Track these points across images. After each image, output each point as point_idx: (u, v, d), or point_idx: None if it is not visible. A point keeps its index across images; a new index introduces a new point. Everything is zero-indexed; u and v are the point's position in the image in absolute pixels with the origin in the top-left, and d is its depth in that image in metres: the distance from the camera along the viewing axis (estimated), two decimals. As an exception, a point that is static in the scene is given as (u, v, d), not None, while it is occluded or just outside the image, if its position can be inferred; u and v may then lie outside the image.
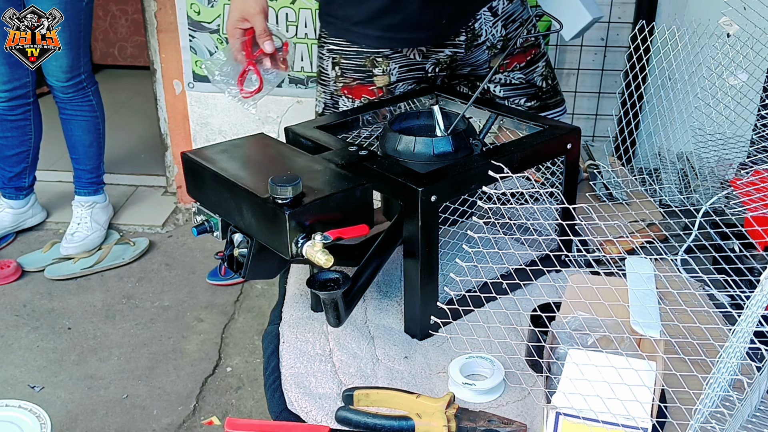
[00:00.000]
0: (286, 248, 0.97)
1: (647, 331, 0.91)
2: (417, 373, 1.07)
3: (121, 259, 2.87)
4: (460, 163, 1.13)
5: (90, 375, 2.30)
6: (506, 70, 1.69)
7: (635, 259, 1.04)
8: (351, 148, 1.18)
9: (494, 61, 1.65)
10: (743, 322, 0.78)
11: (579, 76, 2.70)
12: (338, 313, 1.06)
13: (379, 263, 1.12)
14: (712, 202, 1.26)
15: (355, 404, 0.99)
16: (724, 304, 1.12)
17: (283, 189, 0.96)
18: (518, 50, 1.69)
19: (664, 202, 1.44)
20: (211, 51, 2.94)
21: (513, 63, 1.68)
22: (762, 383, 0.86)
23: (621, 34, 2.59)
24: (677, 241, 1.29)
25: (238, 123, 3.08)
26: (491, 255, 1.10)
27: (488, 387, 1.00)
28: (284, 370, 1.09)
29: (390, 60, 1.57)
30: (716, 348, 0.83)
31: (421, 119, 1.32)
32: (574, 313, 0.97)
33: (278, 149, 1.16)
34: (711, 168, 1.48)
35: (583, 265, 1.27)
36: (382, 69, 1.57)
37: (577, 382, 0.83)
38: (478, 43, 1.61)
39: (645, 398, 0.81)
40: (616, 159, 1.64)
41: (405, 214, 1.08)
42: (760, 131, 1.41)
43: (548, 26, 2.62)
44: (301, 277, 1.31)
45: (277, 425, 0.99)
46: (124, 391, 2.23)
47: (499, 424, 0.93)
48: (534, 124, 1.28)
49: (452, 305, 1.08)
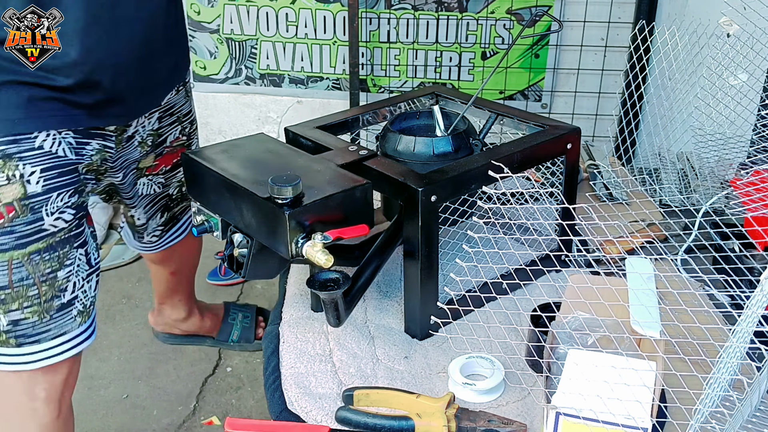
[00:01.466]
0: (286, 248, 0.97)
1: (647, 331, 0.91)
2: (417, 373, 1.07)
3: (121, 259, 2.87)
4: (460, 163, 1.13)
5: (90, 375, 2.30)
6: (152, 174, 1.57)
7: (635, 259, 1.04)
8: (351, 148, 1.18)
9: (144, 162, 1.52)
10: (743, 322, 0.78)
11: (579, 76, 2.70)
12: (338, 313, 1.06)
13: (379, 263, 1.12)
14: (712, 202, 1.26)
15: (355, 404, 0.99)
16: (724, 304, 1.12)
17: (283, 189, 0.96)
18: (167, 150, 1.56)
19: (664, 202, 1.44)
20: (211, 51, 2.94)
21: (160, 165, 1.57)
22: (762, 383, 0.86)
23: (621, 34, 2.59)
24: (677, 241, 1.29)
25: (238, 123, 3.08)
26: (491, 255, 1.10)
27: (488, 387, 1.00)
28: (284, 370, 1.09)
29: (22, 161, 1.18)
30: (716, 348, 0.83)
31: (421, 119, 1.32)
32: (574, 313, 0.97)
33: (278, 149, 1.16)
34: (711, 168, 1.48)
35: (583, 265, 1.27)
36: (6, 175, 1.18)
37: (577, 382, 0.83)
38: (128, 135, 1.41)
39: (645, 398, 0.81)
40: (616, 159, 1.64)
41: (405, 214, 1.08)
42: (760, 131, 1.41)
43: (548, 26, 2.62)
44: (301, 277, 1.30)
45: (277, 425, 0.99)
46: (124, 391, 2.23)
47: (499, 424, 0.93)
48: (534, 124, 1.28)
49: (452, 305, 1.08)
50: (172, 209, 1.72)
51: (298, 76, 2.93)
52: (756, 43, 1.33)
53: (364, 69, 2.81)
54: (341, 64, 2.87)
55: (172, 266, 2.00)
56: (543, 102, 2.80)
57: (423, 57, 2.81)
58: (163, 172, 1.60)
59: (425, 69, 2.82)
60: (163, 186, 1.63)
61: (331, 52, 2.87)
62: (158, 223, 1.72)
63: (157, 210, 1.69)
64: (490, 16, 2.68)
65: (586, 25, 2.58)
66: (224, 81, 3.00)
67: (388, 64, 2.82)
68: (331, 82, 2.93)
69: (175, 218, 1.75)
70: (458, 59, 2.78)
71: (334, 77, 2.92)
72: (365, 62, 2.81)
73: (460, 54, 2.77)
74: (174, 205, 1.72)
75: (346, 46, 2.77)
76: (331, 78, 2.92)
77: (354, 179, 1.04)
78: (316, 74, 2.92)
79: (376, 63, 2.82)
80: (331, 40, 2.84)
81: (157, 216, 1.70)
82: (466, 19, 2.71)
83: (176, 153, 1.61)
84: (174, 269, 2.01)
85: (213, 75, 3.00)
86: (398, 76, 2.85)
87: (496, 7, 2.67)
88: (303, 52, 2.89)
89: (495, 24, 2.70)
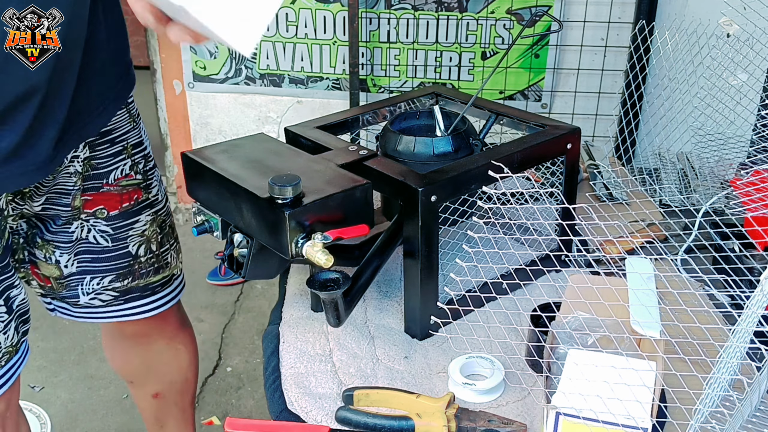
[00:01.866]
0: (286, 248, 0.97)
1: (647, 331, 0.91)
2: (417, 373, 1.07)
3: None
4: (460, 163, 1.13)
5: (90, 375, 2.30)
6: (89, 215, 1.26)
7: (635, 259, 1.04)
8: (351, 148, 1.18)
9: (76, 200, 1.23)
10: (743, 322, 0.78)
11: (579, 76, 2.70)
12: (338, 313, 1.06)
13: (379, 263, 1.12)
14: (712, 202, 1.26)
15: (355, 404, 0.99)
16: (724, 304, 1.12)
17: (283, 189, 0.96)
18: (109, 188, 1.26)
19: (664, 202, 1.44)
20: (211, 51, 2.94)
21: (96, 204, 1.26)
22: (762, 383, 0.86)
23: (621, 34, 2.59)
24: (677, 241, 1.29)
25: (238, 123, 3.08)
26: (491, 255, 1.10)
27: (488, 387, 1.00)
28: (284, 370, 1.09)
29: None
30: (716, 348, 0.83)
31: (421, 119, 1.32)
32: (574, 313, 0.97)
33: (278, 149, 1.16)
34: (711, 168, 1.48)
35: (583, 265, 1.27)
36: None
37: (577, 382, 0.83)
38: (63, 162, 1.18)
39: (645, 398, 0.81)
40: (616, 159, 1.64)
41: (405, 214, 1.08)
42: (760, 131, 1.41)
43: (548, 26, 2.62)
44: (301, 277, 1.30)
45: (277, 425, 0.99)
46: (124, 391, 2.23)
47: (499, 424, 0.93)
48: (534, 124, 1.28)
49: (452, 305, 1.08)
50: (138, 277, 1.35)
51: (298, 76, 2.93)
52: (756, 43, 1.33)
53: (364, 69, 2.81)
54: (341, 64, 2.87)
55: (153, 384, 1.58)
56: (543, 102, 2.80)
57: (423, 57, 2.81)
58: (106, 217, 1.28)
59: (425, 69, 2.83)
60: (112, 239, 1.30)
61: (331, 52, 2.87)
62: (106, 286, 1.34)
63: (109, 271, 1.33)
64: (490, 16, 2.69)
65: (586, 25, 2.58)
66: (224, 81, 3.00)
67: (388, 64, 2.82)
68: (331, 82, 2.93)
69: (149, 289, 1.38)
70: (458, 59, 2.78)
71: (334, 77, 2.92)
72: (365, 62, 2.81)
73: (460, 54, 2.77)
74: (144, 272, 1.35)
75: (346, 46, 2.78)
76: (331, 78, 2.92)
77: (354, 179, 1.04)
78: (316, 74, 2.92)
79: (376, 63, 2.82)
80: (331, 40, 2.84)
81: (106, 277, 1.33)
82: (466, 19, 2.72)
83: (127, 195, 1.29)
84: (159, 389, 1.58)
85: (213, 75, 3.00)
86: (398, 76, 2.85)
87: (496, 7, 2.67)
88: (303, 52, 2.89)
89: (495, 24, 2.70)
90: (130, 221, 1.31)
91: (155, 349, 1.51)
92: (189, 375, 1.60)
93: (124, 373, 1.60)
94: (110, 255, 1.31)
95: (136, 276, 1.35)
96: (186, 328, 1.57)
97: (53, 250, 1.28)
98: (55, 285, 1.32)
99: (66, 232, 1.27)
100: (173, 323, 1.51)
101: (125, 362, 1.57)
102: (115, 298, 1.35)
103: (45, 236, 1.28)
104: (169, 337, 1.52)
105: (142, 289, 1.37)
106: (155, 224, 1.35)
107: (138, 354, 1.53)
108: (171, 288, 1.43)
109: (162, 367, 1.56)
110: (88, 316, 1.38)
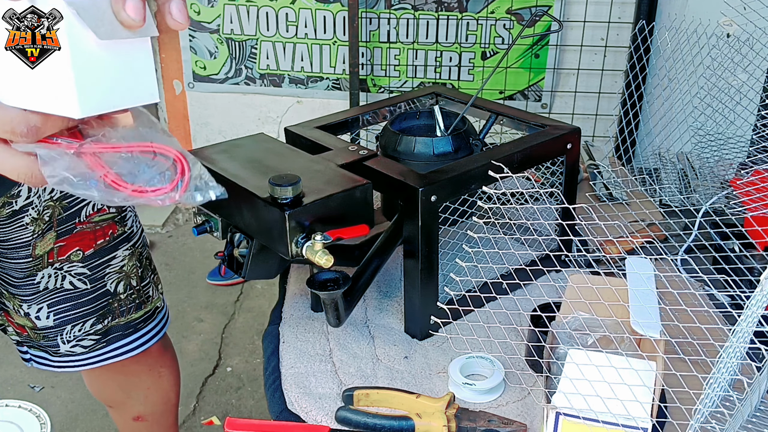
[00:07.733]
0: (286, 248, 0.97)
1: (647, 331, 0.91)
2: (417, 373, 1.07)
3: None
4: (460, 163, 1.13)
5: (90, 375, 2.29)
6: (61, 262, 1.19)
7: (635, 259, 1.04)
8: (351, 148, 1.18)
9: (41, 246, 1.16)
10: (743, 322, 0.78)
11: (579, 76, 2.70)
12: (338, 313, 1.06)
13: (379, 263, 1.12)
14: (712, 202, 1.26)
15: (355, 404, 0.99)
16: (724, 304, 1.12)
17: (283, 189, 0.96)
18: (83, 227, 1.19)
19: (664, 202, 1.44)
20: (211, 51, 2.94)
21: (70, 248, 1.19)
22: (762, 383, 0.86)
23: (621, 34, 2.60)
24: (677, 241, 1.29)
25: (238, 123, 3.08)
26: (491, 255, 1.10)
27: (488, 387, 1.00)
28: (284, 370, 1.09)
29: None
30: (716, 348, 0.83)
31: (421, 119, 1.32)
32: (574, 313, 0.97)
33: (278, 149, 1.16)
34: (711, 168, 1.48)
35: (583, 265, 1.27)
36: None
37: (577, 382, 0.83)
38: (14, 209, 1.11)
39: (645, 398, 0.81)
40: (616, 159, 1.64)
41: (405, 214, 1.08)
42: (760, 131, 1.41)
43: (548, 26, 2.62)
44: (301, 277, 1.30)
45: (277, 425, 0.99)
46: (124, 391, 2.23)
47: (499, 424, 0.93)
48: (534, 124, 1.28)
49: (452, 305, 1.08)
50: (119, 315, 1.28)
51: (298, 76, 2.93)
52: (756, 43, 1.33)
53: (364, 69, 2.81)
54: (341, 64, 2.87)
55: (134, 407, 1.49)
56: (543, 102, 2.80)
57: (423, 57, 2.81)
58: (82, 258, 1.21)
59: (425, 69, 2.83)
60: (90, 279, 1.23)
61: (331, 52, 2.87)
62: (88, 331, 1.28)
63: (90, 315, 1.26)
64: (490, 16, 2.69)
65: (586, 25, 2.58)
66: (224, 81, 3.01)
67: (388, 64, 2.82)
68: (331, 82, 2.93)
69: (131, 327, 1.32)
70: (458, 59, 2.78)
71: (334, 77, 2.92)
72: (365, 62, 2.81)
73: (460, 54, 2.77)
74: (124, 309, 1.28)
75: (346, 46, 2.78)
76: (331, 78, 2.92)
77: (354, 179, 1.04)
78: (316, 74, 2.92)
79: (376, 63, 2.82)
80: (331, 40, 2.84)
81: (87, 321, 1.26)
82: (466, 19, 2.72)
83: (101, 231, 1.21)
84: (140, 412, 1.50)
85: (213, 75, 3.00)
86: (398, 76, 2.85)
87: (496, 7, 2.67)
88: (303, 52, 2.89)
89: (495, 24, 2.70)
90: (107, 258, 1.25)
91: (136, 376, 1.45)
92: (171, 395, 1.55)
93: (103, 398, 1.53)
94: (90, 297, 1.25)
95: (116, 314, 1.29)
96: (168, 350, 1.50)
97: (20, 303, 1.22)
98: (32, 334, 1.26)
99: (31, 285, 1.20)
100: (155, 353, 1.43)
101: (103, 388, 1.49)
102: (96, 342, 1.29)
103: (10, 290, 1.21)
104: (150, 365, 1.45)
105: (123, 328, 1.31)
106: (134, 258, 1.29)
107: (117, 381, 1.46)
108: (155, 323, 1.37)
109: (143, 392, 1.49)
110: (68, 365, 1.31)
